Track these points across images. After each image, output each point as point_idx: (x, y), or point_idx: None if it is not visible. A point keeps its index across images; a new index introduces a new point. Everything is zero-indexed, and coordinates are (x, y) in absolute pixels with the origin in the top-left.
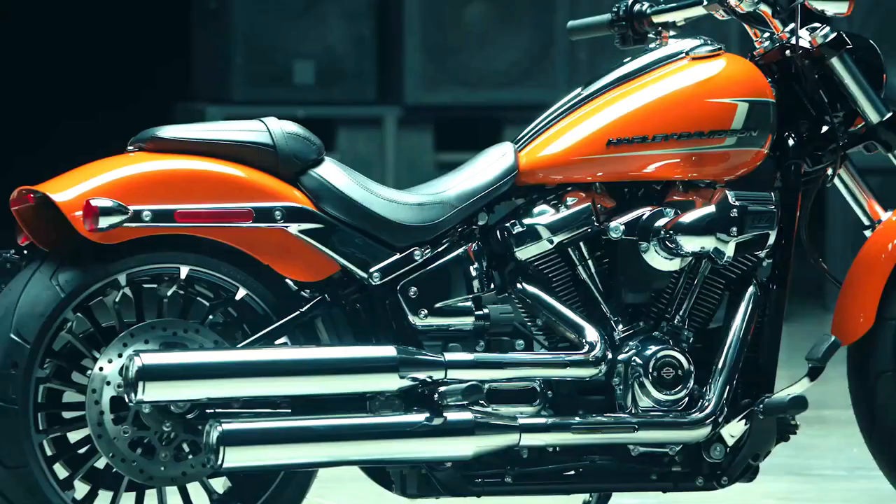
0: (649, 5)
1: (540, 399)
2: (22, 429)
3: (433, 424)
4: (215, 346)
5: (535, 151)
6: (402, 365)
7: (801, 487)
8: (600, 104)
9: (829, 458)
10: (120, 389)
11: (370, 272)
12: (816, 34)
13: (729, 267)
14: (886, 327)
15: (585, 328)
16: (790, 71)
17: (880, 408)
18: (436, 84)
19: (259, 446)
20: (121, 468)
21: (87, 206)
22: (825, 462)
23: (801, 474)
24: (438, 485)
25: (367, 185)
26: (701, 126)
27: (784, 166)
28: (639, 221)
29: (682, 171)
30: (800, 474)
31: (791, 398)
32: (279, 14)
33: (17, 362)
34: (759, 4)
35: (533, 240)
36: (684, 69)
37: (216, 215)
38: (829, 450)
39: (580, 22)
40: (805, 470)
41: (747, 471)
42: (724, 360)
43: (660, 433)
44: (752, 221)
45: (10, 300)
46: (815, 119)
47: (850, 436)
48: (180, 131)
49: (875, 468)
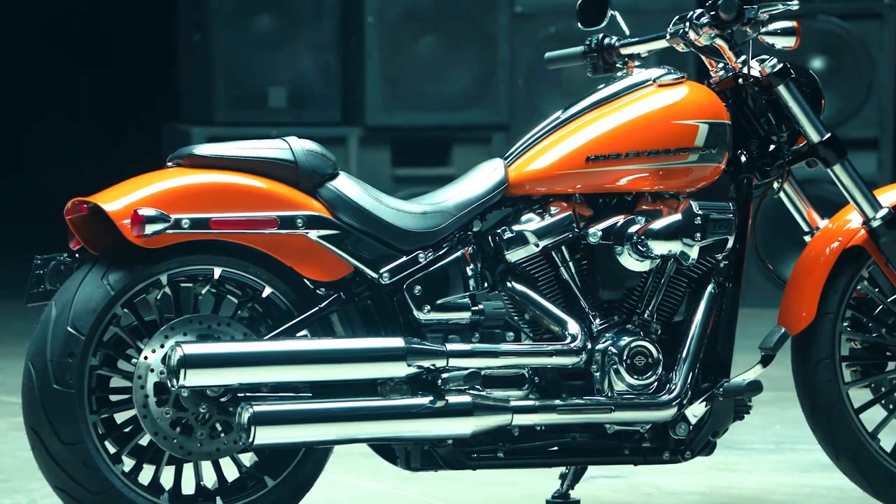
0: (617, 39)
1: (528, 384)
2: (78, 410)
3: (436, 406)
4: (245, 338)
5: (523, 166)
6: (409, 354)
7: (735, 459)
8: (579, 125)
9: (756, 435)
10: (163, 376)
11: (380, 273)
12: (765, 65)
13: (691, 268)
14: (825, 320)
15: (567, 322)
16: (742, 96)
17: (819, 390)
18: (393, 107)
19: (285, 426)
20: (163, 445)
21: (134, 215)
22: (753, 437)
23: (734, 448)
24: (440, 459)
25: (377, 196)
26: (667, 144)
27: (738, 180)
28: (614, 228)
29: (651, 184)
30: (732, 448)
31: (748, 382)
32: (255, 46)
33: (73, 352)
34: (716, 39)
35: (521, 244)
36: (652, 94)
37: (245, 223)
38: (754, 427)
39: (557, 53)
40: (737, 444)
41: (707, 446)
42: (687, 350)
43: (632, 413)
44: (714, 228)
45: (66, 298)
46: (764, 138)
47: (771, 415)
48: (213, 149)
49: (797, 441)
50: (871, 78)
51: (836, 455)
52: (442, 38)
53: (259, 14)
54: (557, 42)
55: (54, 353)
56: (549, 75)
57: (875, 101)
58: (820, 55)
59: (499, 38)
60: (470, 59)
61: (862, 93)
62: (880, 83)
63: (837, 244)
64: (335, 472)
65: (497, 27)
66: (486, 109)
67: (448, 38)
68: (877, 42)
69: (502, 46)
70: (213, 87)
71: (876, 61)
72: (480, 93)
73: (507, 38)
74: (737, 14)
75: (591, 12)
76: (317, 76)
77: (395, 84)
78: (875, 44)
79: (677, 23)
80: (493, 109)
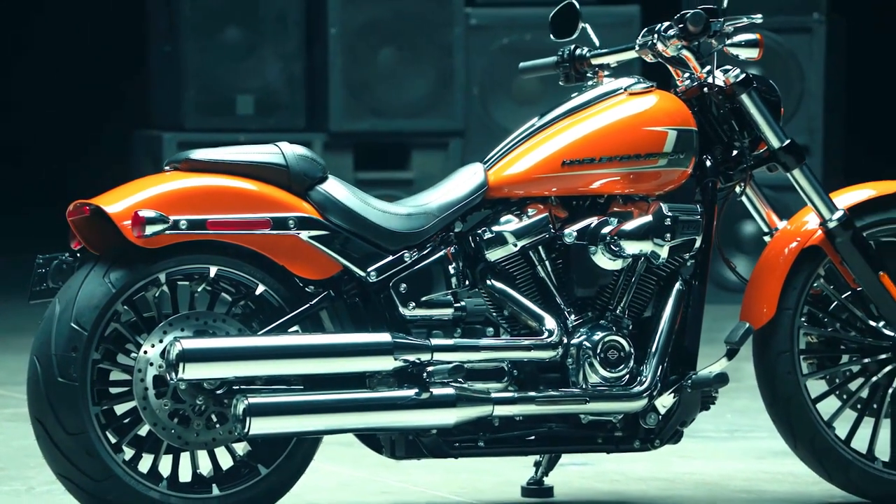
0: (588, 50)
1: (508, 377)
2: (81, 402)
3: (421, 398)
4: (239, 334)
5: (502, 170)
6: (395, 349)
7: (694, 447)
8: (555, 131)
9: (711, 423)
10: (161, 369)
11: (367, 271)
12: (729, 75)
13: (661, 266)
14: (784, 316)
15: (544, 317)
16: (707, 104)
17: (779, 381)
18: (355, 115)
19: (278, 417)
20: (161, 435)
21: (135, 216)
22: (708, 426)
23: (691, 437)
24: (423, 448)
25: (364, 198)
26: (638, 150)
27: (703, 183)
28: (588, 229)
29: (623, 187)
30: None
31: (715, 374)
32: (224, 56)
33: (77, 346)
34: (682, 50)
35: (500, 244)
36: (624, 103)
37: (240, 224)
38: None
39: (530, 63)
40: (693, 433)
41: (675, 435)
42: (657, 344)
43: (605, 404)
44: (683, 229)
45: (69, 295)
46: (727, 144)
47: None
48: (209, 154)
49: (750, 430)
50: (801, 88)
51: (795, 442)
52: (401, 49)
53: (227, 26)
54: (510, 53)
55: (58, 347)
56: (502, 84)
57: (805, 110)
58: (755, 66)
59: (454, 49)
60: (427, 68)
61: (793, 102)
62: (810, 93)
63: (796, 244)
64: (317, 461)
65: (453, 39)
66: (442, 116)
67: (407, 49)
68: (807, 54)
69: (458, 57)
70: (184, 94)
71: (806, 72)
72: (437, 101)
73: (463, 49)
74: (703, 27)
75: (563, 25)
76: (282, 85)
77: (356, 92)
78: (805, 56)
79: (646, 34)
80: (450, 116)
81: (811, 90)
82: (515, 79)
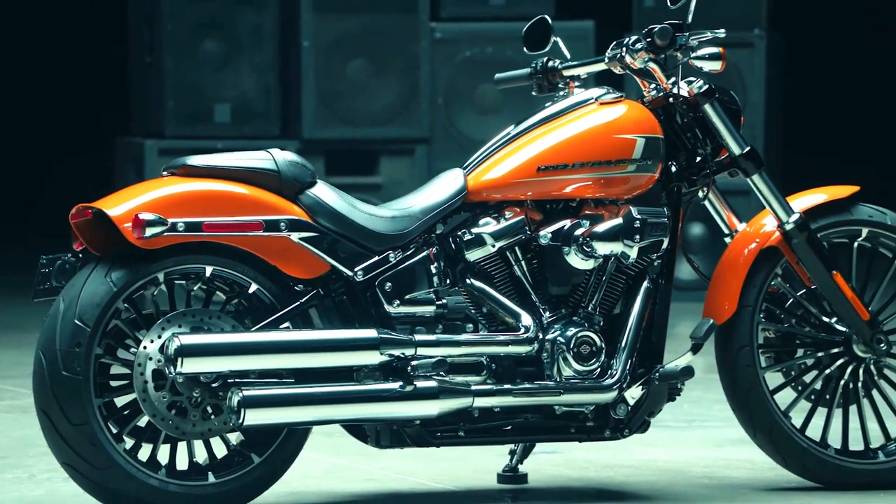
0: (560, 62)
1: (487, 370)
2: (85, 394)
3: (405, 391)
4: (234, 330)
5: (480, 175)
6: (381, 344)
7: (656, 436)
8: (531, 138)
9: (669, 414)
10: (160, 364)
11: (354, 271)
12: (693, 86)
13: (630, 266)
14: (745, 312)
15: (521, 314)
16: (672, 114)
17: (740, 374)
18: (326, 123)
19: (271, 408)
20: (160, 425)
21: (135, 219)
22: (667, 416)
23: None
24: (407, 438)
25: (351, 202)
26: (609, 156)
27: (668, 188)
28: (562, 230)
29: (594, 191)
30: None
31: (682, 368)
32: (202, 66)
33: (80, 342)
34: (649, 62)
35: (479, 245)
36: (595, 111)
37: (234, 226)
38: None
39: (505, 74)
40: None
41: (643, 425)
42: (626, 339)
43: (578, 396)
44: (651, 231)
45: (73, 294)
46: (691, 151)
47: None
48: (205, 160)
49: (706, 420)
50: (743, 100)
51: (754, 431)
52: (370, 61)
53: (206, 39)
54: (472, 65)
55: (63, 343)
56: (465, 95)
57: (748, 121)
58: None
59: (420, 61)
60: (395, 79)
61: None
62: (752, 105)
63: (755, 245)
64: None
65: (419, 51)
66: (409, 125)
67: (375, 61)
68: (749, 68)
69: (424, 68)
70: (164, 103)
71: (748, 85)
72: (404, 110)
73: (428, 60)
74: (670, 41)
75: (536, 38)
76: (258, 94)
77: (328, 102)
78: (747, 69)
79: (615, 48)
80: (416, 125)
81: (753, 102)
82: (478, 89)
